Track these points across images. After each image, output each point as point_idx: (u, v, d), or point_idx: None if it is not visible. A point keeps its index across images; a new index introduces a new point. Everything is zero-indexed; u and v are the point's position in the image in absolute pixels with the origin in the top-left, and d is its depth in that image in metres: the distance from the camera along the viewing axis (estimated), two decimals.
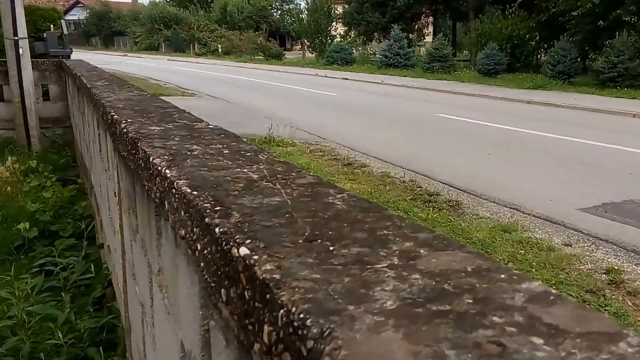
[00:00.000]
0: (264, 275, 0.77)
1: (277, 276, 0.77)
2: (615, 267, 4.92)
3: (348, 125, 13.07)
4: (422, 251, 0.86)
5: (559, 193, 7.24)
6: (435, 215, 6.27)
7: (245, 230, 0.98)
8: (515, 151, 10.00)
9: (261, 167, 1.50)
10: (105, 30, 65.26)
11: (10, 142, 9.05)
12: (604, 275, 4.80)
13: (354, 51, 36.03)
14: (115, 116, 2.87)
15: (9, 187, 6.77)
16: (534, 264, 4.99)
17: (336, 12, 38.65)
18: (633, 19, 19.45)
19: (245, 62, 39.67)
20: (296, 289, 0.74)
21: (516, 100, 17.85)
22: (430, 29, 41.10)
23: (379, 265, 0.80)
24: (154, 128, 2.34)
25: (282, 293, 0.72)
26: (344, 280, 0.76)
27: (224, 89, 21.08)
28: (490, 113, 14.82)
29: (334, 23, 38.60)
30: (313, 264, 0.80)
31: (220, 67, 35.25)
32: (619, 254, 5.31)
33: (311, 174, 1.47)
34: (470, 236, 5.62)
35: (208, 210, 1.10)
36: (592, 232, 5.85)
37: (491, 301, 0.66)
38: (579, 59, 22.71)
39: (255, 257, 0.84)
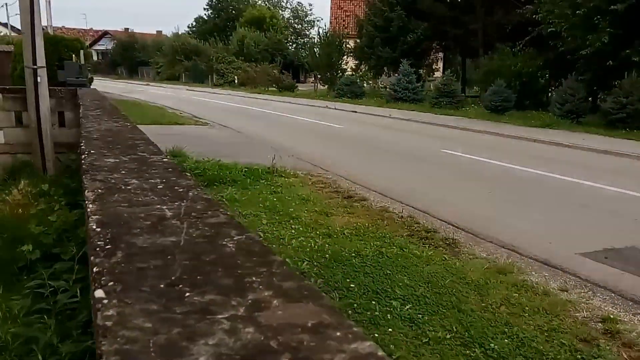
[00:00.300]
0: (101, 321, 0.78)
1: (109, 323, 0.78)
2: (612, 316, 4.76)
3: (352, 158, 13.11)
4: (275, 302, 0.87)
5: (559, 235, 7.11)
6: (430, 253, 6.16)
7: (116, 271, 1.03)
8: (517, 190, 9.87)
9: (183, 204, 1.57)
10: (130, 60, 67.95)
11: (27, 165, 9.45)
12: (600, 324, 4.64)
13: (364, 84, 36.84)
14: (82, 146, 2.98)
15: (19, 209, 6.93)
16: (527, 308, 4.83)
17: (348, 46, 39.58)
18: None
19: (259, 93, 40.63)
20: (119, 339, 0.74)
21: (523, 138, 17.69)
22: (440, 64, 41.73)
23: (220, 316, 0.81)
24: (109, 160, 2.45)
25: (103, 342, 0.74)
26: (172, 331, 0.78)
27: (236, 119, 21.58)
28: (496, 151, 14.71)
29: (345, 57, 39.51)
30: (155, 312, 0.83)
31: (235, 97, 36.03)
32: (616, 302, 5.15)
33: (227, 213, 1.47)
34: (464, 276, 5.49)
35: (97, 249, 1.14)
36: (590, 278, 5.70)
37: None
38: (589, 99, 22.60)
39: (105, 301, 0.86)
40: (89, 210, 1.54)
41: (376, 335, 4.14)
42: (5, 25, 54.76)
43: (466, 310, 4.66)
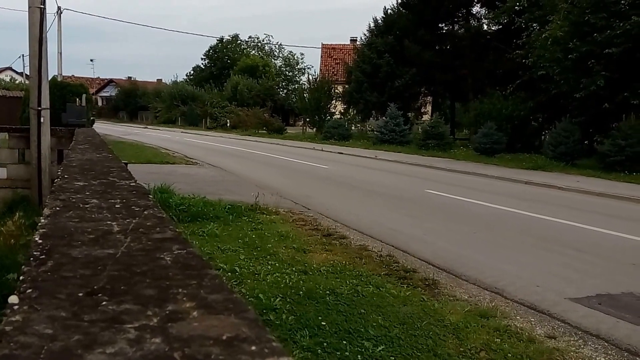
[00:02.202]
0: (2, 326, 0.77)
1: (9, 328, 0.77)
2: None
3: (334, 198, 13.34)
4: (194, 313, 0.85)
5: (548, 279, 7.03)
6: (408, 293, 6.11)
7: (39, 280, 1.05)
8: (504, 232, 9.89)
9: (134, 220, 1.62)
10: (132, 105, 73.55)
11: (25, 199, 10.32)
12: None
13: (351, 127, 38.79)
14: (59, 173, 3.08)
15: (12, 240, 7.42)
16: (509, 355, 4.70)
17: (336, 91, 41.71)
18: None
19: (250, 135, 42.76)
20: (12, 344, 0.72)
21: (513, 180, 17.90)
22: (429, 107, 43.39)
23: (129, 325, 0.79)
24: (78, 183, 2.56)
25: None
26: (71, 338, 0.76)
27: (225, 159, 22.63)
28: (483, 192, 14.84)
29: (333, 101, 41.70)
30: (62, 319, 0.83)
31: (227, 139, 37.56)
32: (610, 352, 4.98)
33: (176, 230, 1.46)
34: (443, 318, 5.43)
35: (31, 259, 1.16)
36: (581, 325, 5.57)
37: None
38: (585, 141, 23.00)
39: (16, 307, 0.85)
40: (39, 225, 1.57)
41: None
42: (21, 74, 61.01)
43: (442, 355, 4.58)
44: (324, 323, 5.04)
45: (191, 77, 75.57)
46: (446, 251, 8.26)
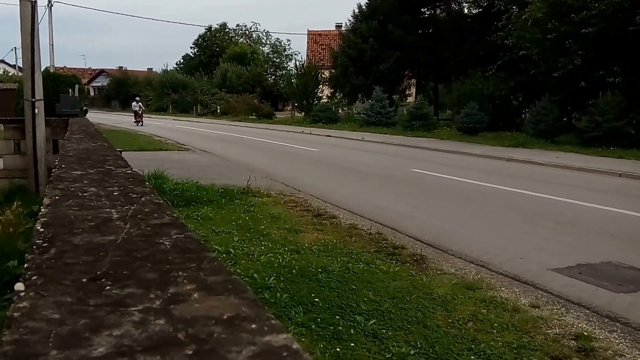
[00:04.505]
0: (11, 312, 0.77)
1: (17, 314, 0.77)
2: (586, 333, 4.62)
3: (324, 179, 13.33)
4: (195, 295, 0.86)
5: (531, 251, 7.08)
6: (397, 269, 6.14)
7: (43, 267, 1.05)
8: (488, 207, 9.95)
9: (132, 207, 1.62)
10: (123, 94, 72.41)
11: (22, 189, 10.36)
12: (573, 342, 4.50)
13: (339, 111, 38.79)
14: (56, 163, 3.06)
15: (10, 228, 7.39)
16: (495, 324, 4.73)
17: (323, 76, 41.57)
18: (617, 80, 19.93)
19: (240, 121, 42.68)
20: (21, 330, 0.73)
21: (496, 157, 18.00)
22: (413, 90, 43.53)
23: (133, 308, 0.80)
24: (75, 172, 2.54)
25: (6, 333, 0.72)
26: (78, 322, 0.77)
27: (216, 144, 22.45)
28: (467, 170, 14.93)
29: (320, 86, 41.51)
30: (68, 304, 0.83)
31: (217, 125, 37.38)
32: (591, 319, 5.02)
33: (174, 214, 1.46)
34: (431, 291, 5.47)
35: (34, 247, 1.15)
36: (563, 294, 5.61)
37: (213, 354, 0.65)
38: (563, 118, 23.15)
39: (22, 293, 0.85)
40: (40, 214, 1.56)
41: (338, 349, 4.09)
42: (13, 66, 61.82)
43: (432, 326, 4.62)
44: (317, 300, 5.07)
45: (181, 65, 75.50)
46: (433, 227, 8.31)
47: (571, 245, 7.44)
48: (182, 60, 77.15)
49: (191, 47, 75.89)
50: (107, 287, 0.87)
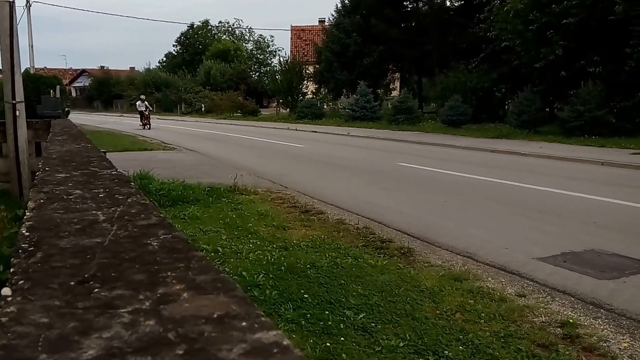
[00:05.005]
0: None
1: (4, 319, 0.77)
2: (571, 321, 4.66)
3: (311, 175, 13.34)
4: (185, 295, 0.86)
5: (516, 242, 7.15)
6: (385, 262, 6.17)
7: (30, 271, 1.05)
8: (473, 199, 10.03)
9: (119, 209, 1.62)
10: (106, 94, 72.19)
11: (6, 193, 10.19)
12: (559, 329, 4.54)
13: (324, 106, 38.82)
14: (40, 165, 3.04)
15: None
16: (483, 314, 4.76)
17: (307, 72, 41.62)
18: (598, 69, 20.14)
19: (225, 118, 42.74)
20: (9, 335, 0.73)
21: (479, 149, 18.13)
22: (397, 84, 43.63)
23: (122, 310, 0.80)
24: (59, 175, 2.53)
25: None
26: (67, 325, 0.76)
27: (202, 143, 22.32)
28: (451, 162, 15.03)
29: (305, 81, 41.51)
30: (56, 307, 0.83)
31: (202, 124, 37.21)
32: (576, 306, 5.07)
33: (161, 214, 1.46)
34: (419, 284, 5.50)
35: (20, 251, 1.15)
36: (548, 283, 5.67)
37: (203, 353, 0.66)
38: (545, 109, 23.36)
39: (9, 298, 0.85)
40: (25, 218, 1.56)
41: (328, 344, 4.10)
42: None
43: (420, 318, 4.65)
44: (307, 295, 5.08)
45: (164, 64, 75.10)
46: (419, 220, 8.35)
47: (555, 234, 7.51)
48: (164, 59, 76.79)
49: (174, 45, 75.77)
50: (96, 290, 0.87)
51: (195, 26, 73.37)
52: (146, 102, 34.01)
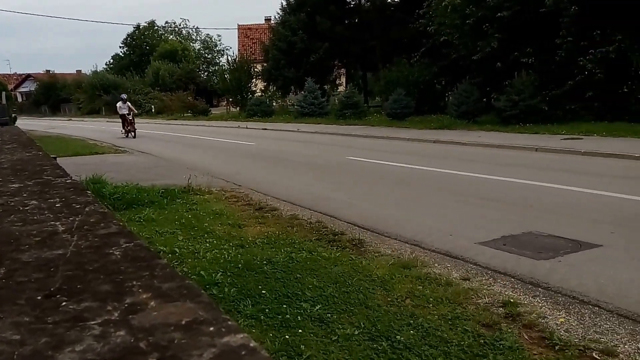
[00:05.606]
0: None
1: None
2: (512, 300, 4.80)
3: (263, 172, 13.31)
4: (152, 303, 0.87)
5: (459, 228, 7.32)
6: (337, 254, 6.23)
7: None
8: (418, 189, 10.24)
9: (77, 218, 1.59)
10: (53, 99, 70.53)
11: None
12: (501, 309, 4.68)
13: (273, 104, 38.68)
14: None
15: None
16: (431, 299, 4.86)
17: (256, 70, 41.53)
18: (530, 60, 20.76)
19: (175, 119, 42.24)
20: None
21: (423, 140, 18.49)
22: (344, 79, 44.13)
23: (92, 322, 0.81)
24: (13, 186, 2.49)
25: None
26: (39, 341, 0.77)
27: (153, 144, 21.84)
28: (397, 154, 15.27)
29: (254, 80, 41.39)
30: (27, 323, 0.83)
31: (153, 125, 36.39)
32: (516, 286, 5.23)
33: (120, 224, 1.45)
34: (370, 273, 5.58)
35: None
36: (490, 266, 5.81)
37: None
38: (483, 99, 23.98)
39: None
40: None
41: (287, 337, 4.14)
42: None
43: (373, 306, 4.73)
44: (264, 291, 5.09)
45: (111, 65, 73.64)
46: (370, 212, 8.46)
47: (496, 219, 7.73)
48: (112, 61, 75.31)
49: (120, 47, 74.47)
50: (64, 303, 0.87)
51: (141, 27, 72.19)
52: (129, 103, 27.10)
